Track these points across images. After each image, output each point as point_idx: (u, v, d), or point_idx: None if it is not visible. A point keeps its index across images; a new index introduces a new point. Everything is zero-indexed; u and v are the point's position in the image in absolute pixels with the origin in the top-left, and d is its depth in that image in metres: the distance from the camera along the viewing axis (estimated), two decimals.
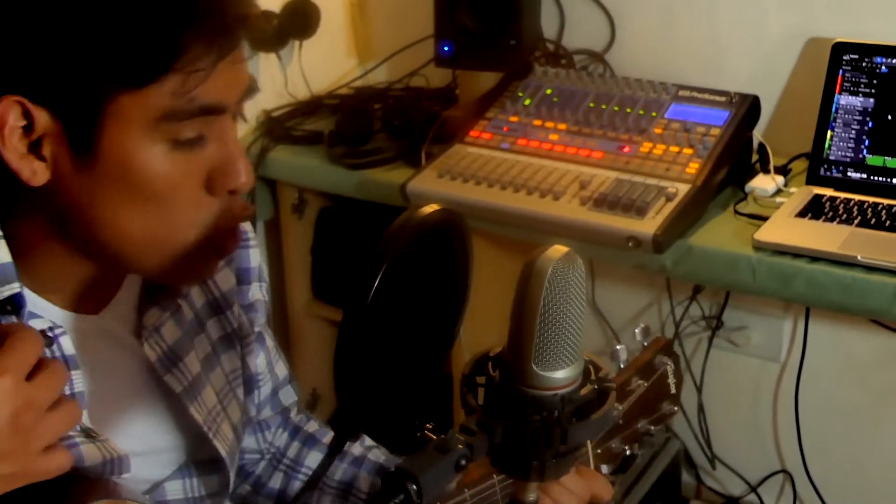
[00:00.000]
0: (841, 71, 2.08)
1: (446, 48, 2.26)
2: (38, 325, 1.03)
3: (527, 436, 0.97)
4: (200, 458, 1.23)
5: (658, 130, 2.13)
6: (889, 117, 2.05)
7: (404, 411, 1.07)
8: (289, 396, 1.43)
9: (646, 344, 0.87)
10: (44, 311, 1.06)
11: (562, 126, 2.19)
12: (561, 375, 0.97)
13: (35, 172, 0.99)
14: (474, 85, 2.37)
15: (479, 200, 2.07)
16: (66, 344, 1.06)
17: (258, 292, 1.31)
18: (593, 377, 1.01)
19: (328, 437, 1.44)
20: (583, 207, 1.99)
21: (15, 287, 1.01)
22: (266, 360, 1.34)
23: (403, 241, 0.99)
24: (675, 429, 2.53)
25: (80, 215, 1.01)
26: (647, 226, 1.93)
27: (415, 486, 0.89)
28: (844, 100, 2.08)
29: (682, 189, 1.99)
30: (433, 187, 2.11)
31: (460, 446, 0.94)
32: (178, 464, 1.22)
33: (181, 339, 1.18)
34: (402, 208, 2.20)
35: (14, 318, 1.02)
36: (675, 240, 1.95)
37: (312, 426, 1.46)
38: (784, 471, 2.49)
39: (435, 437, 0.95)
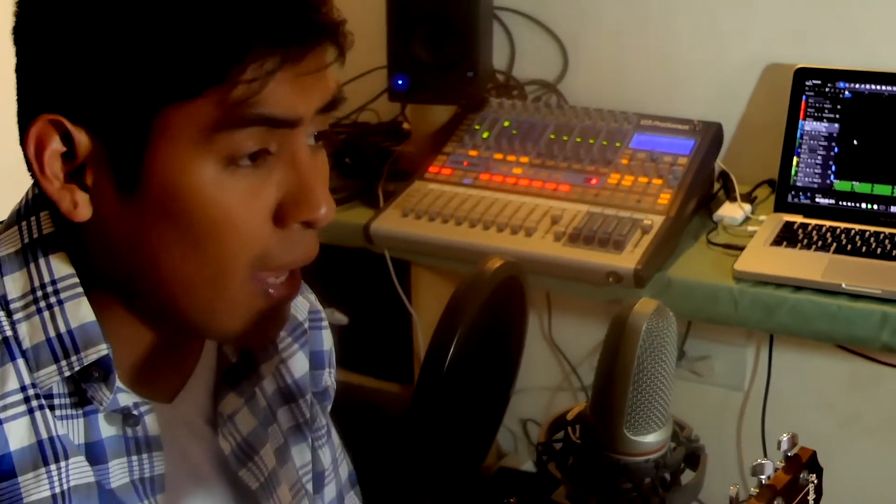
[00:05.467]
0: (804, 97, 2.07)
1: (400, 81, 2.19)
2: (123, 399, 0.91)
3: None
4: None
5: (624, 161, 2.08)
6: (855, 142, 2.04)
7: (470, 481, 0.99)
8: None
9: (790, 455, 0.79)
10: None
11: (524, 159, 2.13)
12: (652, 439, 0.91)
13: (77, 205, 0.86)
14: (425, 119, 2.30)
15: (447, 239, 1.99)
16: (152, 424, 0.93)
17: (329, 378, 1.17)
18: (681, 438, 0.95)
19: None
20: (557, 243, 1.93)
21: (102, 349, 0.88)
22: (332, 457, 1.19)
23: (474, 303, 0.91)
24: None
25: (126, 256, 0.88)
26: (627, 260, 1.88)
27: None
28: (809, 125, 2.07)
29: (657, 221, 1.95)
30: (398, 227, 2.03)
31: None
32: None
33: (256, 429, 1.04)
34: (363, 249, 2.12)
35: (103, 386, 0.89)
36: (654, 273, 1.90)
37: None
38: None
39: None
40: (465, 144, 2.18)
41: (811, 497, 0.82)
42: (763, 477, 0.78)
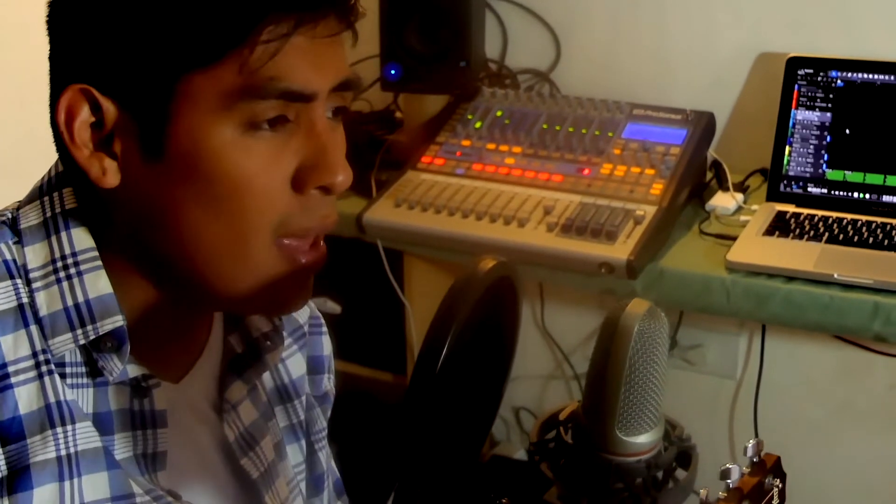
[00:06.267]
0: (797, 86, 2.07)
1: (393, 71, 2.18)
2: (133, 371, 0.94)
3: None
4: None
5: (617, 151, 2.08)
6: (847, 131, 2.04)
7: (463, 481, 0.99)
8: None
9: (755, 460, 0.81)
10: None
11: (517, 149, 2.13)
12: (644, 440, 0.91)
13: (105, 171, 0.89)
14: (419, 108, 2.29)
15: (440, 230, 1.99)
16: (159, 399, 0.96)
17: (328, 383, 1.19)
18: (672, 437, 0.95)
19: None
20: (550, 234, 1.93)
21: (118, 320, 0.91)
22: (327, 462, 1.20)
23: (466, 305, 0.91)
24: None
25: (151, 223, 0.91)
26: (619, 251, 1.88)
27: None
28: (801, 115, 2.07)
29: (650, 211, 1.95)
30: (391, 217, 2.03)
31: None
32: None
33: (257, 420, 1.07)
34: (354, 240, 2.12)
35: (115, 357, 0.91)
36: (647, 264, 1.90)
37: None
38: None
39: None
40: (458, 134, 2.17)
41: (775, 501, 0.84)
42: (730, 481, 0.80)
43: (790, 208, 2.03)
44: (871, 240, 1.89)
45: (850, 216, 1.97)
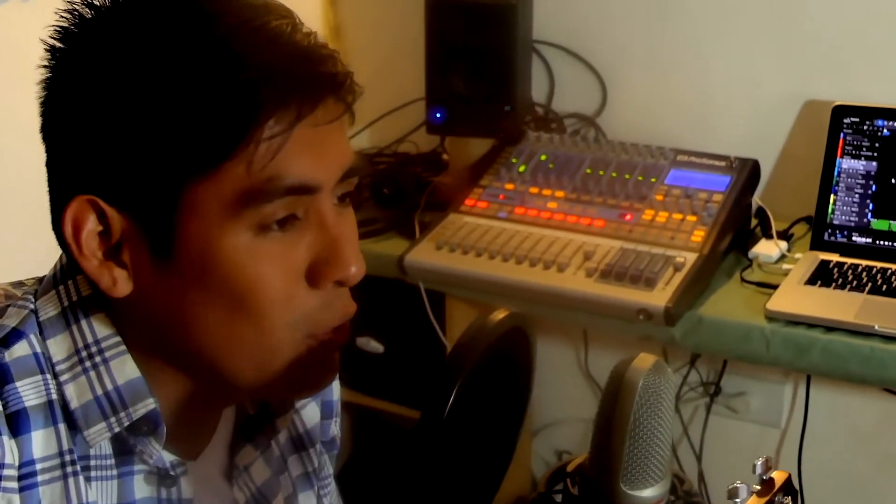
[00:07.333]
0: (842, 134, 2.06)
1: (438, 114, 2.20)
2: (166, 456, 0.94)
3: None
4: None
5: (659, 197, 2.08)
6: (893, 181, 2.02)
7: None
8: None
9: (765, 478, 0.80)
10: None
11: (559, 194, 2.14)
12: (649, 494, 0.91)
13: (116, 282, 0.88)
14: (464, 150, 2.32)
15: (480, 273, 2.00)
16: (186, 486, 0.95)
17: (335, 428, 1.19)
18: (679, 492, 0.95)
19: None
20: (589, 279, 1.94)
21: (150, 403, 0.91)
22: None
23: (476, 352, 0.92)
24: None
25: (166, 324, 0.90)
26: (658, 298, 1.87)
27: None
28: (847, 163, 2.05)
29: (690, 258, 1.94)
30: (432, 259, 2.04)
31: None
32: None
33: (269, 479, 1.06)
34: (398, 280, 2.13)
35: (152, 440, 0.91)
36: (685, 311, 1.90)
37: None
38: None
39: None
40: (502, 178, 2.19)
41: None
42: (738, 500, 0.79)
43: (834, 257, 2.01)
44: None
45: (894, 266, 1.95)
